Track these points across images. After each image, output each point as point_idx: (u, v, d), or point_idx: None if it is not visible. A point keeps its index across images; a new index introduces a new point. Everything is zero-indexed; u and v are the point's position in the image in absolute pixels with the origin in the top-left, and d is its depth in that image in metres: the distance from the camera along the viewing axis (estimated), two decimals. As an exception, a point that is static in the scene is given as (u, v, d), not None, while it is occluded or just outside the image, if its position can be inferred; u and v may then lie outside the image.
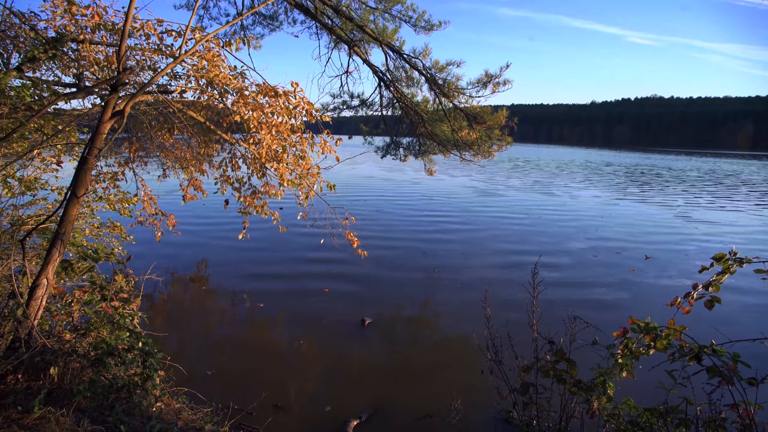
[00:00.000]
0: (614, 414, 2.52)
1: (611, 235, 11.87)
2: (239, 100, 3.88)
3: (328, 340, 5.54)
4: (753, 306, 7.06)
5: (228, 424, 3.12)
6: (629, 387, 2.96)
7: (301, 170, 4.48)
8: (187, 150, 5.95)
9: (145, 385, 2.77)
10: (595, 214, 14.93)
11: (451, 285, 7.66)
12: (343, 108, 8.62)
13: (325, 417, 4.01)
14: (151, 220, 6.72)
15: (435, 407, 3.98)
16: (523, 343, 3.16)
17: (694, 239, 11.67)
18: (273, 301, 6.70)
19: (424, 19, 7.34)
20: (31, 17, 3.66)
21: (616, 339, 2.49)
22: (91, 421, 2.39)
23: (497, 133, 7.70)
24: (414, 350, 5.50)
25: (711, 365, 2.11)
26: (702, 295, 2.36)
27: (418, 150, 8.62)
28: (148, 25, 3.64)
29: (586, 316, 3.05)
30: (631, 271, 8.68)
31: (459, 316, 6.40)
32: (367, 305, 6.64)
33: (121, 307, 3.09)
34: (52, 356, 2.72)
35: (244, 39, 4.24)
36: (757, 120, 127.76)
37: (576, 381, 2.56)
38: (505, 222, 13.30)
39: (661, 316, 2.44)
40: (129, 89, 3.76)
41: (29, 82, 3.62)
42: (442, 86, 7.60)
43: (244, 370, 4.80)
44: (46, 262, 2.92)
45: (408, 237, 11.07)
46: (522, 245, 10.58)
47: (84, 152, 3.13)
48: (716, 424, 2.14)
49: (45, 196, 4.71)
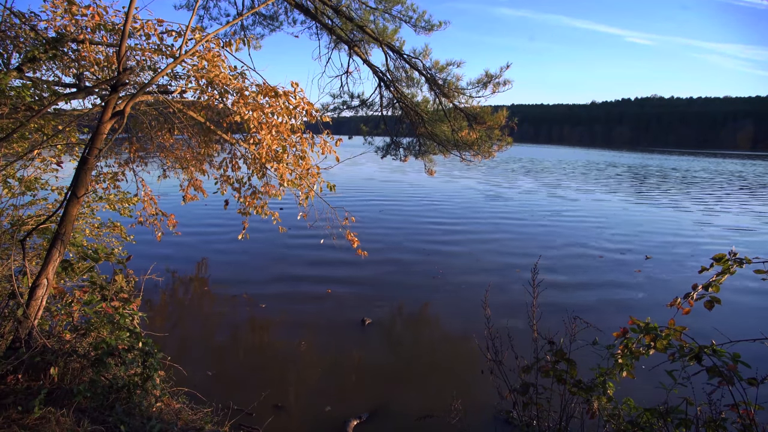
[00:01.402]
0: (614, 414, 2.52)
1: (621, 236, 11.83)
2: (239, 101, 3.88)
3: (328, 340, 5.54)
4: (753, 306, 7.07)
5: (228, 425, 3.12)
6: (629, 387, 2.96)
7: (301, 170, 4.48)
8: (187, 150, 5.96)
9: (145, 386, 2.77)
10: (602, 216, 14.89)
11: (451, 285, 7.66)
12: (343, 108, 8.62)
13: (325, 417, 4.01)
14: (152, 220, 6.72)
15: (435, 407, 3.99)
16: (523, 343, 3.16)
17: (713, 243, 11.31)
18: (273, 301, 6.70)
19: (424, 19, 7.34)
20: (31, 17, 3.66)
21: (616, 339, 2.49)
22: (91, 421, 2.39)
23: (497, 133, 7.71)
24: (414, 350, 5.50)
25: (711, 365, 2.11)
26: (702, 295, 2.35)
27: (418, 150, 8.62)
28: (149, 25, 3.64)
29: (591, 318, 3.04)
30: (637, 271, 8.67)
31: (459, 316, 6.40)
32: (367, 305, 6.64)
33: (121, 307, 3.09)
34: (53, 356, 2.71)
35: (244, 39, 4.24)
36: (757, 120, 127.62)
37: (576, 381, 2.56)
38: (509, 223, 13.28)
39: (666, 318, 2.43)
40: (129, 89, 3.76)
41: (29, 82, 3.62)
42: (442, 86, 7.60)
43: (243, 370, 4.80)
44: (47, 262, 2.92)
45: (410, 237, 11.07)
46: (527, 247, 10.56)
47: (84, 152, 3.13)
48: (716, 424, 2.14)
49: (45, 196, 4.71)
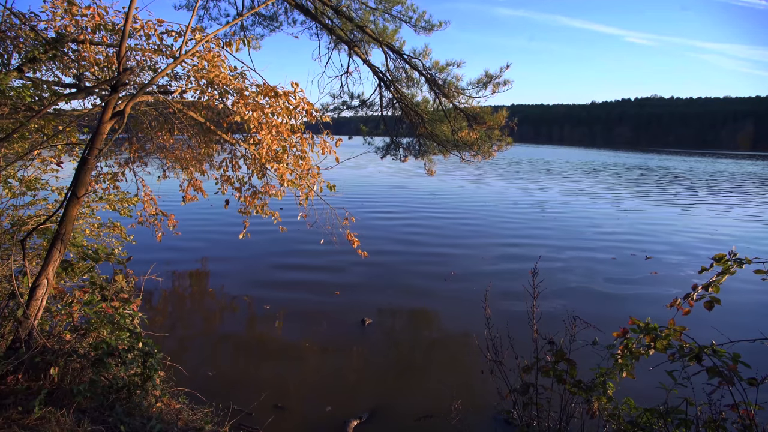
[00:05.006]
0: (614, 414, 2.52)
1: (633, 237, 11.80)
2: (239, 101, 3.88)
3: (328, 340, 5.54)
4: (753, 306, 7.06)
5: (228, 425, 3.11)
6: (629, 387, 2.96)
7: (301, 170, 4.49)
8: (188, 150, 5.96)
9: (145, 386, 2.77)
10: (613, 217, 14.83)
11: (452, 285, 7.66)
12: (343, 108, 8.62)
13: (325, 417, 4.01)
14: (152, 220, 6.72)
15: (435, 407, 3.99)
16: (522, 343, 3.16)
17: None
18: (273, 301, 6.70)
19: (424, 19, 7.34)
20: (31, 18, 3.66)
21: (616, 339, 2.49)
22: (91, 422, 2.39)
23: (497, 133, 7.71)
24: (414, 350, 5.50)
25: (711, 365, 2.10)
26: (702, 296, 2.35)
27: (418, 150, 8.62)
28: (149, 25, 3.64)
29: (596, 319, 3.04)
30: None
31: (459, 316, 6.40)
32: (367, 305, 6.64)
33: (122, 307, 3.09)
34: (53, 356, 2.71)
35: (244, 39, 4.24)
36: (757, 120, 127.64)
37: (576, 381, 2.56)
38: (512, 224, 13.27)
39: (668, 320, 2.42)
40: (129, 90, 3.76)
41: (29, 82, 3.63)
42: (442, 86, 7.60)
43: (244, 370, 4.80)
44: (47, 262, 2.92)
45: (411, 238, 11.07)
46: (537, 248, 10.54)
47: (84, 152, 3.13)
48: (716, 424, 2.14)
49: (45, 197, 4.71)
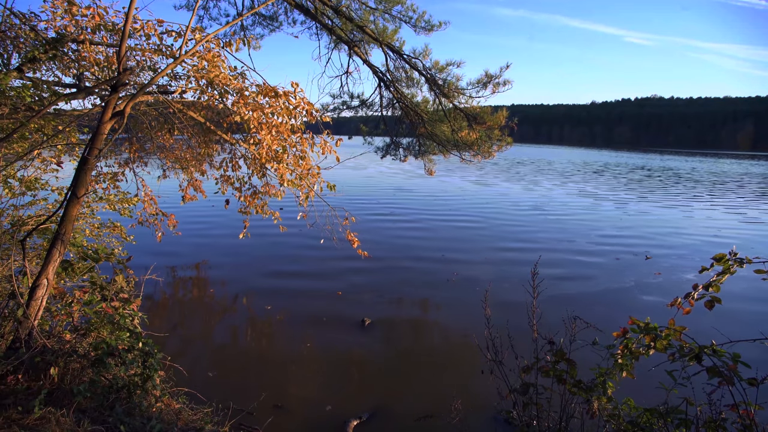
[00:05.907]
0: (614, 414, 2.52)
1: (637, 238, 11.76)
2: (239, 101, 3.88)
3: (328, 340, 5.54)
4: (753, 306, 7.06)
5: (228, 425, 3.11)
6: (629, 387, 2.96)
7: (301, 170, 4.49)
8: (187, 150, 5.96)
9: (145, 386, 2.77)
10: (618, 218, 14.78)
11: (452, 285, 7.67)
12: (343, 108, 8.62)
13: (325, 417, 4.01)
14: (152, 220, 6.72)
15: (435, 407, 3.99)
16: (522, 343, 3.17)
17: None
18: (273, 300, 6.70)
19: (424, 19, 7.34)
20: (31, 18, 3.66)
21: (615, 339, 2.49)
22: (91, 422, 2.39)
23: (497, 133, 7.71)
24: (414, 350, 5.50)
25: (711, 365, 2.11)
26: (702, 295, 2.35)
27: (418, 150, 8.62)
28: (149, 25, 3.64)
29: (599, 319, 3.04)
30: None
31: (459, 316, 6.40)
32: (367, 305, 6.64)
33: (122, 307, 3.09)
34: (53, 356, 2.72)
35: (244, 39, 4.24)
36: (757, 120, 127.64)
37: (576, 381, 2.56)
38: (513, 224, 13.25)
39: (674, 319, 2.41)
40: (129, 90, 3.76)
41: (29, 82, 3.62)
42: (442, 86, 7.60)
43: (244, 370, 4.80)
44: (47, 262, 2.92)
45: (413, 238, 11.07)
46: (538, 248, 10.55)
47: (84, 152, 3.13)
48: (716, 424, 2.14)
49: (45, 197, 4.71)
